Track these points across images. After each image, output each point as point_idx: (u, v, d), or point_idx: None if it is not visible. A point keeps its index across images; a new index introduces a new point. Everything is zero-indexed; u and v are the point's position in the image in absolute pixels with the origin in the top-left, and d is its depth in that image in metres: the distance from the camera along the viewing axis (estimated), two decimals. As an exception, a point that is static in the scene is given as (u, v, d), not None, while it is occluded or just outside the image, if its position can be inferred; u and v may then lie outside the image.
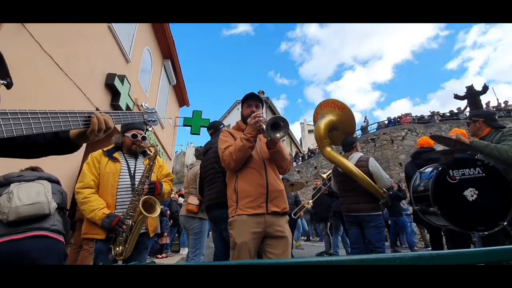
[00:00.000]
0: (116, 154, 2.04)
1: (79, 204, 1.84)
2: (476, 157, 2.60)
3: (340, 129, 3.22)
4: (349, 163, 2.95)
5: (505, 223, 2.11)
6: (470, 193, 2.22)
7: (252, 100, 1.95)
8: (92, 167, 1.94)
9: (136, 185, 1.93)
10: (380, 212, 2.90)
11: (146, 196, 1.85)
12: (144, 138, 2.09)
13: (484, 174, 2.25)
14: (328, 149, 3.12)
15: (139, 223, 1.83)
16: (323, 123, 3.13)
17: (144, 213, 1.76)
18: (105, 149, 2.06)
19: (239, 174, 1.78)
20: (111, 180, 1.92)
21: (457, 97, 11.28)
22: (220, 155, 1.83)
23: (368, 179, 2.83)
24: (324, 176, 5.08)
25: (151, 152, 2.04)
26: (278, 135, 1.59)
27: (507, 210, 2.13)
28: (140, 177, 1.96)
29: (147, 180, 1.93)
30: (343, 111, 3.11)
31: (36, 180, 1.83)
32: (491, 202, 2.20)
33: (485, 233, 2.18)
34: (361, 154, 3.14)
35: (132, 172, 2.03)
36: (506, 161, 2.33)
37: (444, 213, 2.29)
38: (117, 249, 1.79)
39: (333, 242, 5.50)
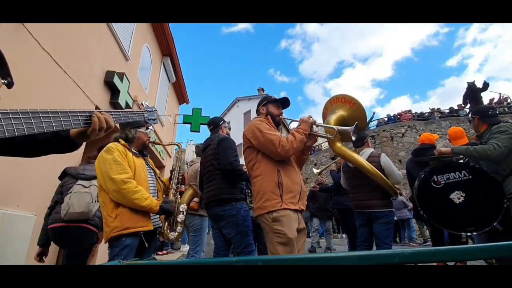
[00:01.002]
0: (134, 150, 2.03)
1: (130, 193, 1.76)
2: (462, 160, 2.62)
3: (350, 125, 3.17)
4: (361, 158, 2.91)
5: (495, 223, 2.15)
6: (457, 196, 2.27)
7: (283, 105, 2.15)
8: (124, 159, 1.88)
9: (173, 175, 2.30)
10: (392, 209, 2.88)
11: (191, 183, 2.39)
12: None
13: (470, 176, 2.29)
14: (338, 144, 3.07)
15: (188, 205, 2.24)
16: (333, 118, 3.09)
17: (199, 192, 2.34)
18: (122, 143, 2.00)
19: (280, 168, 1.80)
20: (142, 174, 1.94)
21: (464, 101, 11.19)
22: (271, 139, 1.78)
23: (381, 174, 2.80)
24: (316, 172, 5.07)
25: (156, 149, 2.35)
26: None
27: (499, 209, 2.14)
28: (153, 172, 2.13)
29: (180, 172, 2.32)
30: (354, 106, 3.05)
31: (92, 181, 2.44)
32: (481, 203, 2.23)
33: (474, 233, 2.24)
34: (372, 149, 3.11)
35: (151, 167, 2.13)
36: (488, 160, 2.35)
37: (431, 216, 2.38)
38: (178, 228, 2.17)
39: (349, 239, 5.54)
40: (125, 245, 1.76)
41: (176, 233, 2.16)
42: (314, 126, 1.98)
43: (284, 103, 2.15)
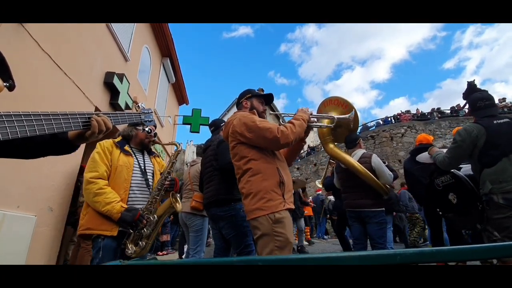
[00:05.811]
0: (127, 147, 1.94)
1: (91, 194, 1.67)
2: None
3: (343, 126, 3.22)
4: (352, 159, 2.97)
5: (479, 226, 2.20)
6: (452, 197, 2.41)
7: (266, 102, 1.99)
8: (104, 157, 1.79)
9: (156, 180, 1.96)
10: (383, 208, 2.91)
11: (171, 191, 1.88)
12: (155, 134, 2.07)
13: (453, 180, 2.41)
14: (331, 145, 3.13)
15: (163, 218, 1.84)
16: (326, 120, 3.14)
17: (175, 205, 1.80)
18: (115, 140, 1.94)
19: (279, 166, 1.68)
20: (124, 174, 1.83)
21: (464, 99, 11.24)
22: (269, 127, 1.61)
23: (371, 175, 2.85)
24: (319, 184, 5.11)
25: (156, 150, 2.08)
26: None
27: (477, 211, 2.18)
28: (150, 173, 1.97)
29: (169, 176, 1.92)
30: (347, 109, 3.10)
31: None
32: (467, 204, 2.31)
33: (471, 232, 2.44)
34: (364, 150, 3.16)
35: (143, 167, 1.96)
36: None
37: (445, 216, 2.56)
38: (140, 244, 1.74)
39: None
40: (100, 245, 1.70)
41: (136, 248, 1.72)
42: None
43: (268, 99, 2.00)
